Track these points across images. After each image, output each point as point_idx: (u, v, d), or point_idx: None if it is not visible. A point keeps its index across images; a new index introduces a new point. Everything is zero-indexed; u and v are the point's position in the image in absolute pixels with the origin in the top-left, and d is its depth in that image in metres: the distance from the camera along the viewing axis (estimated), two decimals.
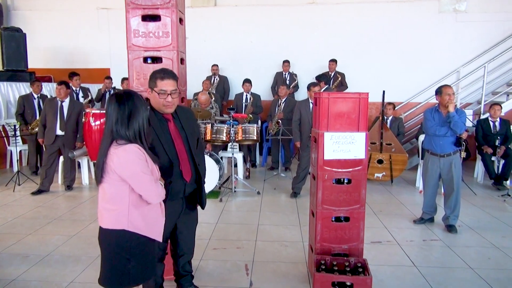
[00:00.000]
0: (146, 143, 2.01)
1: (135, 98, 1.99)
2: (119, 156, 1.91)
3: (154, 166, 2.05)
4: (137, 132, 1.96)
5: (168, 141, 2.40)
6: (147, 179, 1.95)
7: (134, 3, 2.91)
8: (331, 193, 3.01)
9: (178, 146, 2.44)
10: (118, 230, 1.98)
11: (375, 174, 6.22)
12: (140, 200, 2.00)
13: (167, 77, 2.37)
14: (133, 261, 2.01)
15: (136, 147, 1.94)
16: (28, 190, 5.68)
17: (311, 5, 8.49)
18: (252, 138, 5.70)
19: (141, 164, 1.94)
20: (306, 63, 8.43)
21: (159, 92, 2.34)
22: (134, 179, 1.94)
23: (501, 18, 7.98)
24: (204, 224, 4.27)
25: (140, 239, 2.02)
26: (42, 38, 8.98)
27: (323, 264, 2.96)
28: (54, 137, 5.52)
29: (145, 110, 2.02)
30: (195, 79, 7.33)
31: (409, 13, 8.21)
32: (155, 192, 1.99)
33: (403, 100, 8.31)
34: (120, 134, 1.94)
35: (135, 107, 1.96)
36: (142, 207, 2.02)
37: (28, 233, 4.10)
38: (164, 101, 2.35)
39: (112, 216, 1.99)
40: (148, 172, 1.96)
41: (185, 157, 2.46)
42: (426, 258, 3.60)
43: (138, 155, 1.93)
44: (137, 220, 2.00)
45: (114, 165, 1.92)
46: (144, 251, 2.05)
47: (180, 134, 2.48)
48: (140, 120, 1.97)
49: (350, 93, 3.08)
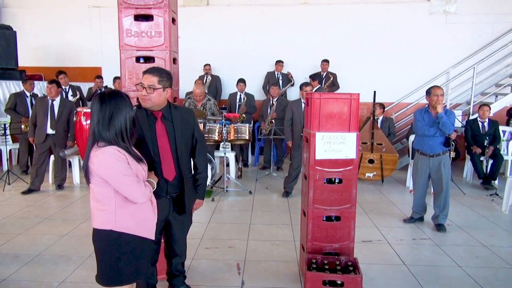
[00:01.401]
0: (129, 144, 2.00)
1: (118, 98, 1.97)
2: (98, 159, 1.92)
3: (140, 166, 2.03)
4: (118, 132, 1.95)
5: (152, 139, 2.41)
6: (128, 181, 1.94)
7: (127, 2, 2.90)
8: (322, 193, 3.04)
9: (161, 144, 2.43)
10: (107, 230, 2.00)
11: (366, 173, 6.28)
12: (126, 200, 2.00)
13: (148, 72, 2.42)
14: (123, 259, 2.02)
15: (115, 149, 1.93)
16: (18, 190, 5.63)
17: (303, 5, 8.53)
18: (244, 138, 5.71)
19: (121, 165, 1.93)
20: (299, 63, 8.46)
21: (137, 84, 2.42)
22: (115, 181, 1.93)
23: (490, 20, 8.10)
24: (196, 224, 4.26)
25: (130, 238, 2.03)
26: (33, 36, 8.88)
27: (314, 263, 2.99)
28: (45, 136, 5.49)
29: (129, 111, 1.99)
30: (187, 78, 7.32)
31: (400, 14, 8.29)
32: (138, 192, 1.98)
33: (394, 100, 8.39)
34: (101, 135, 1.94)
35: (116, 108, 1.95)
36: (130, 206, 2.02)
37: (19, 233, 4.07)
38: (140, 94, 2.39)
39: (101, 216, 2.01)
40: (129, 174, 1.95)
41: (169, 156, 2.46)
42: (416, 256, 3.65)
43: (118, 157, 1.92)
44: (126, 219, 2.01)
45: (95, 167, 1.93)
46: (135, 249, 2.06)
47: (167, 133, 2.46)
48: (122, 121, 1.96)
49: (342, 93, 3.11)
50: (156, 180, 2.21)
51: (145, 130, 2.39)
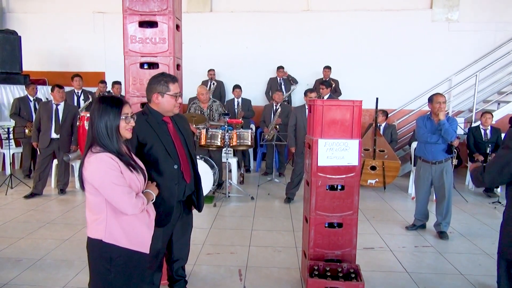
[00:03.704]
0: (116, 150, 1.91)
1: (103, 105, 1.92)
2: (90, 165, 1.87)
3: (134, 176, 1.95)
4: (102, 137, 1.88)
5: (169, 143, 2.45)
6: (119, 190, 1.85)
7: (132, 9, 2.93)
8: (324, 199, 3.04)
9: (178, 148, 2.49)
10: (98, 240, 1.94)
11: (368, 180, 6.27)
12: (119, 211, 1.92)
13: (176, 80, 2.47)
14: (114, 271, 1.95)
15: (108, 156, 1.87)
16: (20, 194, 5.64)
17: (306, 12, 8.58)
18: (247, 144, 5.72)
19: (113, 174, 1.85)
20: (301, 69, 8.49)
21: (174, 95, 2.43)
22: (105, 189, 1.86)
23: (492, 28, 8.13)
24: (198, 229, 4.27)
25: (121, 250, 1.95)
26: (37, 41, 8.95)
27: (316, 270, 2.98)
28: (49, 141, 5.51)
29: (112, 119, 1.91)
30: (190, 83, 7.35)
31: (402, 21, 8.32)
32: (128, 203, 1.87)
33: (396, 107, 8.40)
34: (96, 140, 1.89)
35: (98, 113, 1.90)
36: (122, 217, 1.94)
37: (21, 237, 4.08)
38: (176, 103, 2.45)
39: (93, 225, 1.96)
40: (121, 183, 1.87)
41: (185, 159, 2.53)
42: (418, 264, 3.64)
43: (110, 165, 1.85)
44: (116, 231, 1.93)
45: (87, 174, 1.88)
46: (126, 263, 1.97)
47: (179, 136, 2.54)
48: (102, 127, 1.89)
49: (344, 100, 3.12)
50: (156, 191, 2.14)
51: (161, 135, 2.42)
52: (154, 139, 2.38)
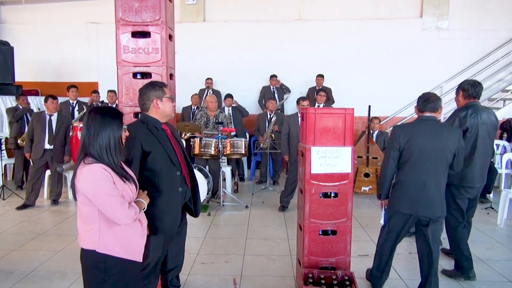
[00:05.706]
0: (115, 161, 1.93)
1: (104, 116, 1.93)
2: (83, 176, 1.87)
3: (126, 186, 1.97)
4: (103, 149, 1.90)
5: (170, 150, 2.48)
6: (112, 201, 1.86)
7: (124, 19, 2.95)
8: (318, 207, 3.05)
9: (178, 154, 2.54)
10: (92, 251, 1.94)
11: (362, 187, 6.29)
12: (112, 221, 1.92)
13: (166, 85, 2.56)
14: (109, 281, 1.95)
15: (101, 167, 1.88)
16: (12, 205, 5.59)
17: (298, 22, 8.67)
18: (240, 152, 5.74)
19: (106, 185, 1.86)
20: (294, 77, 8.55)
21: (170, 98, 2.51)
22: (98, 200, 1.86)
23: (481, 36, 8.27)
24: (192, 238, 4.25)
25: (116, 260, 1.95)
26: (30, 52, 8.92)
27: (310, 278, 2.98)
28: (43, 151, 5.48)
29: (115, 130, 1.94)
30: (183, 93, 7.37)
31: (393, 30, 8.44)
32: (121, 214, 1.89)
33: (388, 115, 8.48)
34: (89, 149, 1.90)
35: (101, 125, 1.91)
36: (115, 227, 1.94)
37: (13, 249, 4.04)
38: (172, 106, 2.52)
39: (86, 235, 1.95)
40: (114, 194, 1.88)
41: (184, 164, 2.58)
42: (413, 270, 3.64)
43: (103, 176, 1.86)
44: (110, 241, 1.94)
45: (80, 185, 1.88)
46: (121, 273, 1.98)
47: (177, 143, 2.60)
48: (105, 139, 1.91)
49: (336, 108, 3.15)
50: (147, 200, 2.14)
51: (163, 143, 2.45)
52: (157, 147, 2.41)
